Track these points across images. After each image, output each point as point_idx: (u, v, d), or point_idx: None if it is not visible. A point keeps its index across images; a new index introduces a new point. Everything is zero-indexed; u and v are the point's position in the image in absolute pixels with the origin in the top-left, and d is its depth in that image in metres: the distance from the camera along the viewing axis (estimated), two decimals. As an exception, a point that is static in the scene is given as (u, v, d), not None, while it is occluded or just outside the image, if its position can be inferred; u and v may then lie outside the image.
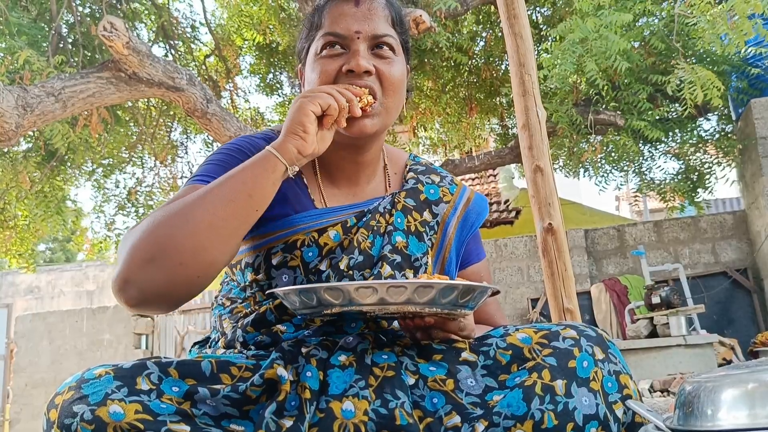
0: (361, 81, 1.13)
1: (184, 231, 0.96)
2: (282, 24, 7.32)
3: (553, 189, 2.30)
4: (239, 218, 1.01)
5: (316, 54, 1.17)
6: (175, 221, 0.97)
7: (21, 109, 4.24)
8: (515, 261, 8.12)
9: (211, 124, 5.21)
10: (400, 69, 1.17)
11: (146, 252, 0.95)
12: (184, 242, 0.96)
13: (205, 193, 1.01)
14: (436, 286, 0.95)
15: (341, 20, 1.15)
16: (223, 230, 0.99)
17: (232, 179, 1.02)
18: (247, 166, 1.04)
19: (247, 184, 1.01)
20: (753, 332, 6.81)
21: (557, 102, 6.02)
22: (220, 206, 0.99)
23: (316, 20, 1.19)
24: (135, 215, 7.95)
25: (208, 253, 0.98)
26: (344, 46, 1.15)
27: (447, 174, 1.34)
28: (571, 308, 2.19)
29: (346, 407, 0.95)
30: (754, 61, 6.38)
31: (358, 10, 1.15)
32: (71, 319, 9.89)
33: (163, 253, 0.95)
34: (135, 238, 0.97)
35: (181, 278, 0.97)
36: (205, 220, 0.98)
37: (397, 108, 1.19)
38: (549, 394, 0.98)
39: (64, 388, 0.91)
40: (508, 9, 2.45)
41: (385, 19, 1.17)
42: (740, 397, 0.79)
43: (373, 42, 1.15)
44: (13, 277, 14.82)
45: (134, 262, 0.95)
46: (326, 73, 1.14)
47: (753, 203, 7.11)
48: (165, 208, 1.00)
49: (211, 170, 1.14)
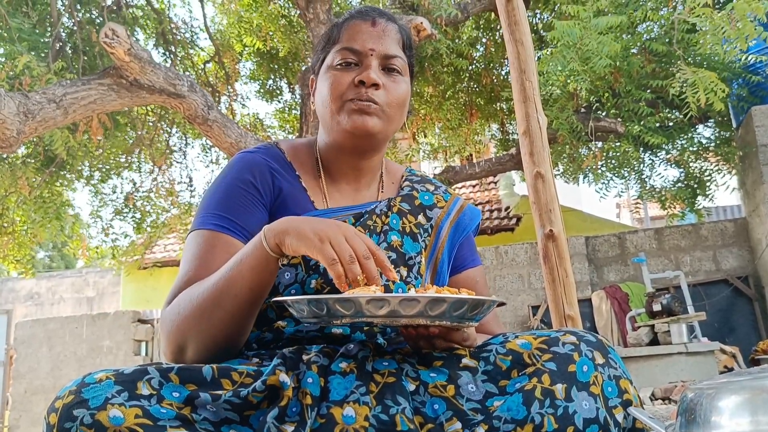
0: (369, 93, 1.21)
1: (205, 332, 1.08)
2: (282, 31, 7.34)
3: (554, 195, 2.30)
4: (250, 308, 1.09)
5: (331, 65, 1.25)
6: (191, 325, 1.08)
7: (22, 115, 4.24)
8: (516, 268, 8.12)
9: (212, 130, 5.21)
10: (404, 88, 1.27)
11: (177, 346, 1.10)
12: (206, 340, 1.09)
13: (216, 297, 1.07)
14: (448, 300, 0.95)
15: (358, 37, 1.24)
16: (239, 321, 1.09)
17: (232, 281, 1.06)
18: (245, 264, 1.06)
19: (246, 280, 1.06)
20: (754, 340, 6.80)
21: (557, 109, 6.03)
22: (230, 306, 1.07)
23: (334, 35, 1.28)
24: (132, 220, 7.95)
25: (230, 339, 1.10)
26: (358, 62, 1.24)
27: (441, 185, 1.42)
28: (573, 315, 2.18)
29: (347, 413, 0.95)
30: (755, 68, 6.40)
31: (374, 30, 1.25)
32: (71, 325, 9.87)
33: (192, 346, 1.09)
34: (170, 331, 1.11)
35: (213, 353, 1.10)
36: (222, 320, 1.08)
37: (398, 121, 1.28)
38: (549, 398, 0.98)
39: (65, 392, 0.91)
40: (509, 16, 2.45)
41: (396, 42, 1.27)
42: (743, 404, 0.79)
43: (384, 61, 1.24)
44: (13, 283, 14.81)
45: (171, 350, 1.11)
46: (338, 83, 1.22)
47: (754, 211, 7.11)
48: (187, 300, 1.10)
49: (216, 207, 1.20)
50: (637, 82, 6.00)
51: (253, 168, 1.24)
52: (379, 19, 1.26)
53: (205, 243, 1.17)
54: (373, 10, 1.28)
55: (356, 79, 1.21)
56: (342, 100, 1.22)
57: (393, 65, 1.25)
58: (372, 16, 1.26)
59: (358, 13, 1.28)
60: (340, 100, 1.22)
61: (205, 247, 1.16)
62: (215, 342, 1.08)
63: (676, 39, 5.35)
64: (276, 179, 1.25)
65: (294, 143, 1.35)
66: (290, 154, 1.31)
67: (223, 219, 1.18)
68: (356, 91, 1.21)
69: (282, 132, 8.57)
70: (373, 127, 1.22)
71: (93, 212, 7.89)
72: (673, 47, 5.36)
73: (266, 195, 1.23)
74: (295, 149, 1.33)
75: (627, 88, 5.97)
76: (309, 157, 1.32)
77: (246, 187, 1.22)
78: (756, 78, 6.32)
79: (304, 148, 1.34)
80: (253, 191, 1.22)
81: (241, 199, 1.21)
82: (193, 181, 8.07)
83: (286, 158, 1.30)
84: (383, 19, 1.27)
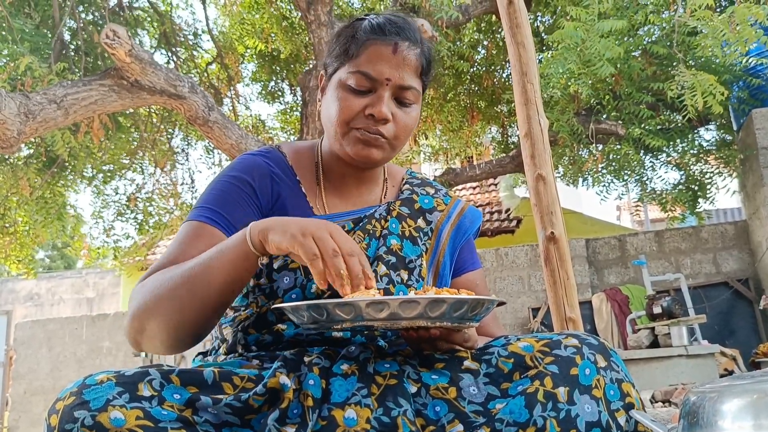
0: (377, 126, 1.20)
1: (169, 315, 1.05)
2: (284, 32, 7.35)
3: (555, 197, 2.30)
4: (220, 300, 1.07)
5: (343, 84, 1.22)
6: (158, 304, 1.06)
7: (23, 116, 4.25)
8: (516, 270, 8.11)
9: (213, 131, 5.21)
10: (414, 116, 1.25)
11: (140, 323, 1.07)
12: (169, 323, 1.06)
13: (189, 281, 1.05)
14: (448, 300, 0.95)
15: (376, 63, 1.20)
16: (206, 310, 1.07)
17: (209, 269, 1.05)
18: (226, 257, 1.04)
19: (225, 274, 1.05)
20: (754, 343, 6.79)
21: (558, 111, 6.03)
22: (201, 293, 1.05)
23: (353, 50, 1.22)
24: (134, 221, 7.95)
25: (192, 328, 1.07)
26: (371, 88, 1.21)
27: (442, 187, 1.42)
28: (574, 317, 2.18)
29: (348, 415, 0.95)
30: (756, 71, 6.40)
31: (395, 57, 1.21)
32: (71, 326, 9.88)
33: (154, 325, 1.07)
34: (137, 308, 1.07)
35: (172, 340, 1.08)
36: (191, 306, 1.05)
37: (402, 146, 1.28)
38: (551, 401, 0.98)
39: (66, 394, 0.91)
40: (511, 18, 2.45)
41: (414, 71, 1.23)
42: (745, 408, 0.78)
43: (398, 92, 1.22)
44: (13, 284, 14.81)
45: (133, 327, 1.08)
46: (348, 110, 1.20)
47: (754, 213, 7.11)
48: (160, 280, 1.08)
49: (211, 202, 1.20)
50: (638, 85, 6.00)
51: (253, 170, 1.24)
52: (401, 44, 1.21)
53: (192, 232, 1.17)
54: (397, 30, 1.23)
55: (367, 111, 1.19)
56: (348, 126, 1.21)
57: (406, 98, 1.22)
58: (393, 40, 1.21)
59: (380, 30, 1.22)
60: (347, 126, 1.21)
61: (190, 236, 1.16)
62: (176, 327, 1.05)
63: (676, 42, 5.35)
64: (275, 184, 1.25)
65: (296, 147, 1.34)
66: (292, 157, 1.31)
67: (214, 213, 1.18)
68: (364, 122, 1.20)
69: (283, 133, 8.58)
70: (375, 157, 1.22)
71: (95, 213, 7.90)
72: (674, 50, 5.37)
73: (263, 198, 1.23)
74: (297, 153, 1.32)
75: (628, 90, 5.97)
76: (310, 161, 1.32)
77: (243, 186, 1.22)
78: (756, 81, 6.33)
79: (306, 152, 1.33)
80: (249, 191, 1.22)
81: (236, 197, 1.21)
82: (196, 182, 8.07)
83: (288, 162, 1.30)
84: (406, 43, 1.22)
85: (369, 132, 1.20)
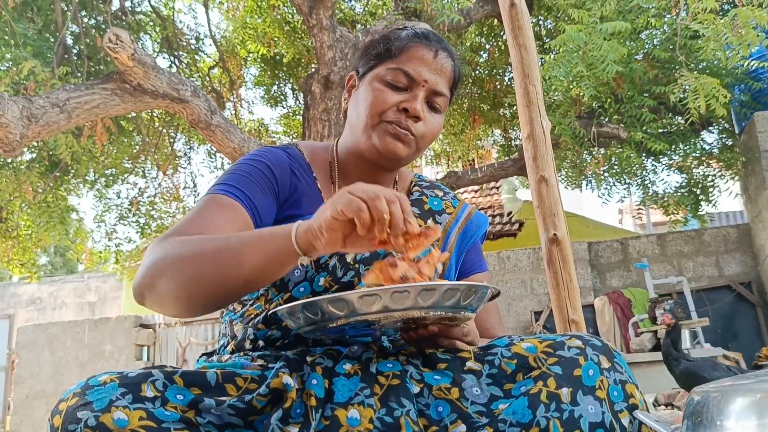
0: (409, 123, 1.23)
1: (187, 280, 1.03)
2: (286, 36, 7.36)
3: (557, 199, 2.30)
4: (243, 284, 1.05)
5: (380, 77, 1.26)
6: (181, 265, 1.03)
7: (26, 119, 4.25)
8: (518, 273, 8.10)
9: (215, 135, 5.22)
10: (439, 124, 1.30)
11: (151, 278, 1.04)
12: (182, 287, 1.03)
13: (220, 255, 1.02)
14: (438, 288, 0.95)
15: (417, 64, 1.25)
16: (225, 289, 1.05)
17: (245, 251, 1.02)
18: (268, 247, 1.02)
19: (262, 263, 1.02)
20: (757, 346, 6.77)
21: (560, 115, 6.03)
22: (228, 271, 1.02)
23: (394, 49, 1.27)
24: (136, 225, 7.96)
25: (203, 300, 1.05)
26: (407, 87, 1.24)
27: (449, 191, 1.44)
28: (577, 319, 2.18)
29: (351, 415, 0.95)
30: (757, 74, 6.40)
31: (434, 61, 1.26)
32: (73, 330, 9.88)
33: (165, 285, 1.04)
34: (153, 263, 1.04)
35: (179, 304, 1.05)
36: (212, 278, 1.03)
37: (424, 150, 1.31)
38: (554, 401, 0.98)
39: (69, 395, 0.91)
40: (513, 20, 2.46)
41: (448, 80, 1.29)
42: (749, 407, 0.78)
43: (431, 95, 1.26)
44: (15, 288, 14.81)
45: (143, 280, 1.05)
46: (382, 101, 1.23)
47: (757, 216, 7.10)
48: (185, 244, 1.05)
49: (235, 180, 1.20)
50: (640, 88, 6.00)
51: (275, 159, 1.26)
52: (442, 53, 1.27)
53: (212, 202, 1.16)
54: (438, 39, 1.29)
55: (401, 106, 1.22)
56: (380, 118, 1.23)
57: (436, 103, 1.27)
58: (435, 47, 1.27)
59: (423, 37, 1.28)
60: (378, 117, 1.23)
61: (211, 206, 1.15)
62: (190, 294, 1.03)
63: (678, 45, 5.35)
64: (294, 177, 1.26)
65: (312, 145, 1.36)
66: (309, 155, 1.33)
67: (237, 190, 1.17)
68: (397, 116, 1.22)
69: (286, 137, 8.58)
70: (401, 153, 1.24)
71: (97, 217, 7.91)
72: (676, 53, 5.37)
73: (282, 188, 1.24)
74: (313, 152, 1.34)
75: (629, 93, 5.97)
76: (325, 160, 1.34)
77: (264, 171, 1.23)
78: (758, 84, 6.33)
79: (321, 152, 1.35)
80: (270, 177, 1.23)
81: (258, 180, 1.21)
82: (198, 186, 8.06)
83: (305, 159, 1.31)
84: (445, 53, 1.28)
85: (400, 126, 1.22)
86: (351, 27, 7.14)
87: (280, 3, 7.37)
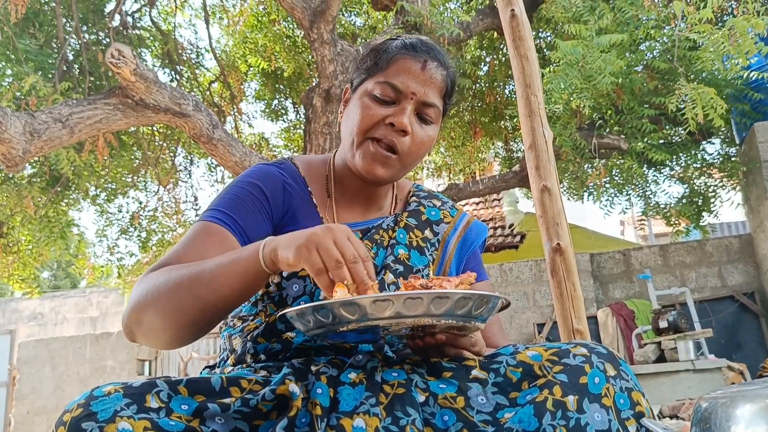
0: (393, 138, 1.22)
1: (168, 311, 1.06)
2: (286, 51, 7.39)
3: (560, 209, 2.30)
4: (222, 307, 1.08)
5: (368, 92, 1.26)
6: (159, 298, 1.06)
7: (28, 135, 4.26)
8: (521, 285, 8.09)
9: (217, 149, 5.23)
10: (431, 136, 1.28)
11: (137, 315, 1.09)
12: (165, 319, 1.07)
13: (195, 284, 1.06)
14: (451, 296, 0.94)
15: (404, 76, 1.23)
16: (205, 314, 1.07)
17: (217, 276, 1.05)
18: (238, 268, 1.05)
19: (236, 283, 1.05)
20: (761, 356, 6.75)
21: (561, 126, 6.04)
22: (205, 297, 1.05)
23: (382, 62, 1.26)
24: (137, 239, 7.96)
25: (187, 328, 1.08)
26: (395, 100, 1.24)
27: (448, 200, 1.44)
28: (581, 329, 2.17)
29: (357, 424, 0.94)
30: (757, 85, 6.42)
31: (422, 73, 1.24)
32: (74, 345, 9.86)
33: (150, 318, 1.08)
34: (138, 300, 1.08)
35: (165, 336, 1.09)
36: (193, 306, 1.06)
37: (413, 165, 1.30)
38: (560, 409, 0.97)
39: (73, 406, 0.90)
40: (514, 31, 2.47)
41: (439, 90, 1.27)
42: (758, 413, 0.78)
43: (420, 107, 1.25)
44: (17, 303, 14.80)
45: (131, 318, 1.10)
46: (370, 117, 1.23)
47: (759, 226, 7.10)
48: (165, 276, 1.08)
49: (225, 205, 1.21)
50: (640, 99, 6.02)
51: (267, 179, 1.26)
52: (431, 63, 1.25)
53: (203, 231, 1.18)
54: (428, 49, 1.27)
55: (387, 120, 1.22)
56: (366, 135, 1.24)
57: (427, 115, 1.25)
58: (423, 58, 1.25)
59: (411, 48, 1.26)
60: (364, 134, 1.24)
61: (201, 235, 1.17)
62: (174, 325, 1.06)
63: (677, 56, 5.37)
64: (287, 194, 1.27)
65: (309, 159, 1.37)
66: (304, 169, 1.33)
67: (227, 216, 1.19)
68: (383, 131, 1.22)
69: (287, 151, 8.61)
70: (381, 176, 1.24)
71: (99, 231, 7.91)
72: (675, 65, 5.39)
73: (275, 207, 1.25)
74: (309, 165, 1.35)
75: (630, 104, 5.98)
76: (322, 173, 1.34)
77: (255, 193, 1.24)
78: (758, 95, 6.35)
79: (318, 165, 1.36)
80: (261, 198, 1.24)
81: (249, 204, 1.22)
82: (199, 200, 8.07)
83: (300, 173, 1.32)
84: (435, 63, 1.26)
85: (381, 147, 1.22)
86: (352, 41, 7.18)
87: (280, 17, 7.42)
